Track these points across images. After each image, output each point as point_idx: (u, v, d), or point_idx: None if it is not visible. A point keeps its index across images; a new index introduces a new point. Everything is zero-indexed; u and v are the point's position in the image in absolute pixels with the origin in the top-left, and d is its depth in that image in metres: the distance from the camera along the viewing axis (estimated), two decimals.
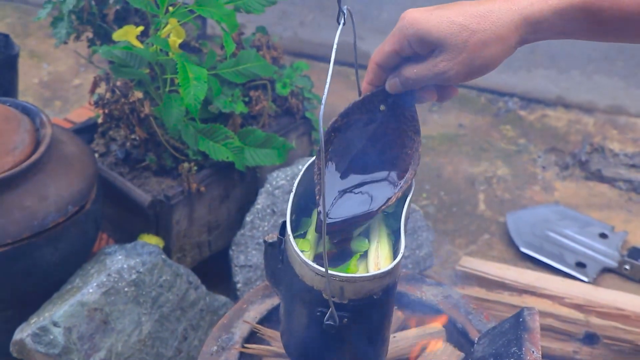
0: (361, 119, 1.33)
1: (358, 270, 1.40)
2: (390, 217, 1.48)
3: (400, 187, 1.35)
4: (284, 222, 1.37)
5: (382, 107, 1.31)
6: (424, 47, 1.18)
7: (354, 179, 1.36)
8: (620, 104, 3.07)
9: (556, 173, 2.84)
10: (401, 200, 1.46)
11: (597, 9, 1.10)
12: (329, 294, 1.31)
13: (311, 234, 1.45)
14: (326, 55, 3.28)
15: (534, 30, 1.15)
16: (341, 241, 1.43)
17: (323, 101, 1.13)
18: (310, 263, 1.31)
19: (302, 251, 1.34)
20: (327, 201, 1.35)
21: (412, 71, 1.21)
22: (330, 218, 1.35)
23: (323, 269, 1.27)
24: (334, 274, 1.30)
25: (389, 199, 1.35)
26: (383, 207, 1.35)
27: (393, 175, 1.37)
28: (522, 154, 2.91)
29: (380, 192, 1.37)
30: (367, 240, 1.43)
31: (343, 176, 1.36)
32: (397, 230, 1.42)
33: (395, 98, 1.31)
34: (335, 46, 1.18)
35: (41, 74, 3.30)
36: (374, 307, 1.37)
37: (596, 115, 3.08)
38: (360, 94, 1.34)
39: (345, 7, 1.24)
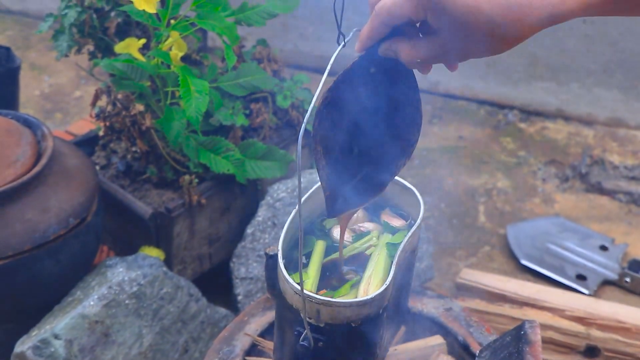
0: (353, 86, 1.24)
1: (351, 295, 1.38)
2: (392, 246, 1.46)
3: (408, 154, 1.28)
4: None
5: (372, 70, 1.22)
6: (441, 22, 1.06)
7: (360, 151, 1.28)
8: (619, 116, 3.07)
9: (556, 185, 2.84)
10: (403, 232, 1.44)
11: None
12: (305, 315, 1.29)
13: (314, 263, 1.42)
14: (325, 68, 3.29)
15: (554, 23, 1.09)
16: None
17: (306, 116, 1.11)
18: (290, 280, 1.29)
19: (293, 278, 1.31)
20: (348, 178, 1.28)
21: (412, 55, 1.11)
22: (343, 203, 1.28)
23: (299, 288, 1.25)
24: (309, 295, 1.27)
25: (399, 165, 1.28)
26: (394, 176, 1.29)
27: (398, 138, 1.28)
28: (522, 166, 2.92)
29: (388, 161, 1.29)
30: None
31: (348, 152, 1.27)
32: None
33: (387, 59, 1.19)
34: (329, 66, 1.15)
35: (42, 87, 3.31)
36: (352, 336, 1.34)
37: (596, 127, 3.09)
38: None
39: (355, 29, 1.20)
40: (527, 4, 1.02)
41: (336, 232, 1.47)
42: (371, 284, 1.39)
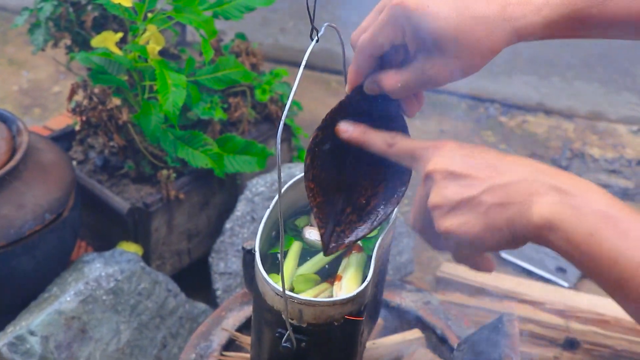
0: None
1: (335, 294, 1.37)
2: (371, 242, 1.46)
3: (401, 191, 1.27)
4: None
5: (362, 108, 1.22)
6: (417, 41, 1.08)
7: (353, 186, 1.29)
8: (600, 109, 3.08)
9: None
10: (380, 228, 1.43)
11: (586, 16, 1.07)
12: (287, 316, 1.28)
13: (291, 257, 1.41)
14: (308, 62, 3.28)
15: (520, 39, 1.12)
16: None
17: (284, 116, 1.10)
18: (270, 281, 1.28)
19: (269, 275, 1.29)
20: (332, 217, 1.28)
21: (394, 81, 1.13)
22: (339, 240, 1.28)
23: (281, 289, 1.24)
24: (292, 296, 1.26)
25: (397, 196, 1.28)
26: (388, 216, 1.29)
27: (389, 179, 1.28)
28: None
29: (380, 200, 1.29)
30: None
31: (337, 190, 1.28)
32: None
33: (376, 97, 1.21)
34: (304, 62, 1.14)
35: (21, 82, 3.28)
36: (334, 334, 1.33)
37: (576, 121, 3.09)
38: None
39: (326, 23, 1.19)
40: (492, 16, 1.06)
41: (308, 233, 1.46)
42: (349, 282, 1.38)
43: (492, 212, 0.99)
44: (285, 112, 1.10)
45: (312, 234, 1.44)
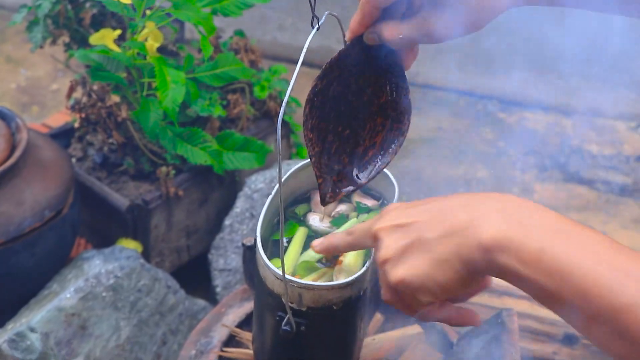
0: (341, 75, 1.25)
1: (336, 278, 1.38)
2: None
3: (399, 140, 1.29)
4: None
5: (362, 57, 1.22)
6: None
7: (350, 136, 1.28)
8: (598, 106, 3.08)
9: (535, 175, 2.84)
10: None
11: None
12: (287, 300, 1.29)
13: (296, 241, 1.42)
14: (305, 59, 3.28)
15: (526, 2, 1.11)
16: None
17: (284, 104, 1.11)
18: (271, 266, 1.29)
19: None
20: (330, 167, 1.28)
21: (395, 32, 1.12)
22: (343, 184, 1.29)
23: (281, 273, 1.25)
24: (291, 280, 1.28)
25: (391, 150, 1.29)
26: (397, 149, 1.29)
27: (387, 130, 1.29)
28: (501, 157, 2.92)
29: (378, 150, 1.30)
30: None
31: (335, 140, 1.28)
32: None
33: (374, 47, 1.21)
34: (305, 49, 1.15)
35: (19, 79, 3.28)
36: (334, 319, 1.34)
37: (574, 117, 3.09)
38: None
39: (327, 12, 1.20)
40: None
41: (312, 219, 1.47)
42: (349, 266, 1.39)
43: (437, 246, 0.95)
44: (283, 106, 1.10)
45: (316, 220, 1.46)
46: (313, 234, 1.45)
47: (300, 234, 1.44)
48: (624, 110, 3.05)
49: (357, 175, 1.29)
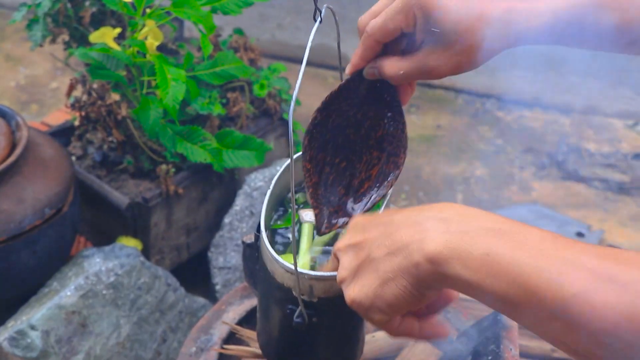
0: (340, 108, 1.28)
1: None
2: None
3: (395, 174, 1.29)
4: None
5: (362, 91, 1.24)
6: (427, 34, 1.09)
7: (347, 168, 1.31)
8: (595, 104, 3.09)
9: (533, 173, 2.85)
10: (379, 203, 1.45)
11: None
12: (298, 292, 1.31)
13: (305, 241, 1.43)
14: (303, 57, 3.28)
15: (521, 43, 1.13)
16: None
17: (293, 101, 1.12)
18: (280, 260, 1.31)
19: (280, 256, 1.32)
20: (327, 198, 1.30)
21: (396, 68, 1.14)
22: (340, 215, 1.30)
23: (292, 266, 1.27)
24: (303, 272, 1.29)
25: (388, 183, 1.29)
26: (392, 182, 1.29)
27: (383, 163, 1.30)
28: (500, 155, 2.93)
29: (374, 183, 1.32)
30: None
31: (332, 172, 1.31)
32: None
33: (374, 82, 1.24)
34: (309, 43, 1.16)
35: (18, 78, 3.28)
36: (344, 307, 1.36)
37: (572, 115, 3.10)
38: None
39: (325, 5, 1.21)
40: (499, 20, 1.07)
41: (305, 215, 1.48)
42: None
43: (382, 264, 0.94)
44: (292, 106, 1.11)
45: (308, 215, 1.47)
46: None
47: (307, 229, 1.45)
48: (621, 108, 3.06)
49: (352, 207, 1.30)
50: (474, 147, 2.96)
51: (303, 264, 1.39)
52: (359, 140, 1.29)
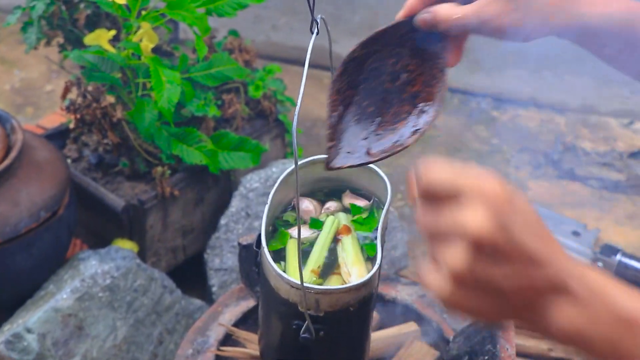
0: (381, 51, 1.22)
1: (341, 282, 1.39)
2: (364, 225, 1.47)
3: (427, 123, 1.23)
4: (259, 235, 1.35)
5: (408, 37, 1.20)
6: None
7: (373, 115, 1.25)
8: (591, 103, 3.09)
9: (529, 172, 2.85)
10: (377, 210, 1.45)
11: None
12: (305, 307, 1.30)
13: (291, 252, 1.43)
14: (299, 59, 3.28)
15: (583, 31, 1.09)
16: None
17: (298, 105, 1.11)
18: (285, 276, 1.29)
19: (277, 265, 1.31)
20: (353, 136, 1.24)
21: (451, 12, 1.09)
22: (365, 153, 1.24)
23: (298, 282, 1.26)
24: (309, 287, 1.28)
25: (418, 130, 1.22)
26: (416, 138, 1.22)
27: (415, 111, 1.24)
28: (495, 154, 2.93)
29: (405, 128, 1.25)
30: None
31: (364, 109, 1.25)
32: (374, 239, 1.41)
33: (422, 33, 1.19)
34: (308, 56, 1.15)
35: (13, 81, 3.28)
36: (350, 319, 1.35)
37: (568, 114, 3.10)
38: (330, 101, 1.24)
39: (320, 16, 1.20)
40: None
41: (295, 233, 1.47)
42: (354, 266, 1.39)
43: (507, 310, 0.87)
44: (296, 111, 1.10)
45: (296, 232, 1.47)
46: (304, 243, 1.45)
47: (292, 245, 1.44)
48: (617, 107, 3.06)
49: (368, 151, 1.24)
50: (469, 147, 2.96)
51: (310, 278, 1.38)
52: (392, 91, 1.24)
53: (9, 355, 1.81)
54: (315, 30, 1.19)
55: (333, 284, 1.37)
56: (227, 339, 1.76)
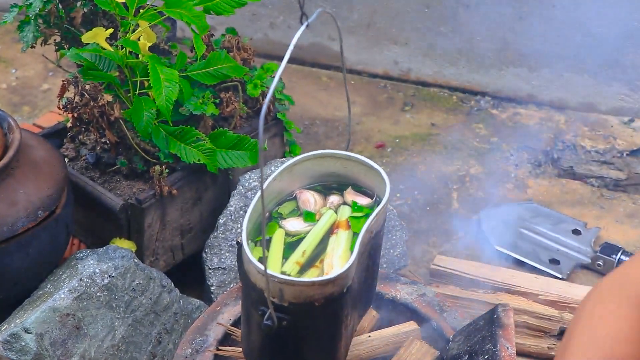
0: None
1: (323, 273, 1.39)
2: (359, 221, 1.47)
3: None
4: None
5: None
6: None
7: None
8: (590, 101, 3.08)
9: (529, 171, 2.85)
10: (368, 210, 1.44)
11: None
12: (268, 294, 1.30)
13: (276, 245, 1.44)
14: (297, 57, 3.27)
15: None
16: None
17: (267, 99, 1.11)
18: (253, 260, 1.30)
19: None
20: None
21: None
22: None
23: (262, 268, 1.26)
24: (272, 275, 1.29)
25: None
26: None
27: None
28: (495, 152, 2.92)
29: None
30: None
31: None
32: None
33: None
34: (291, 46, 1.15)
35: (9, 79, 3.26)
36: (315, 314, 1.35)
37: (567, 112, 3.09)
38: (348, 99, 1.26)
39: (320, 9, 1.20)
40: None
41: (288, 225, 1.48)
42: (334, 263, 1.39)
43: None
44: (268, 97, 1.10)
45: (290, 224, 1.48)
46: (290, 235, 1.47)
47: (279, 235, 1.46)
48: (616, 105, 3.05)
49: None
50: (468, 145, 2.95)
51: (274, 266, 1.39)
52: None
53: (7, 355, 1.80)
54: (306, 22, 1.19)
55: (309, 276, 1.37)
56: (226, 339, 1.75)
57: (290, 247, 1.46)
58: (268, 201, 1.47)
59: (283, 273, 1.36)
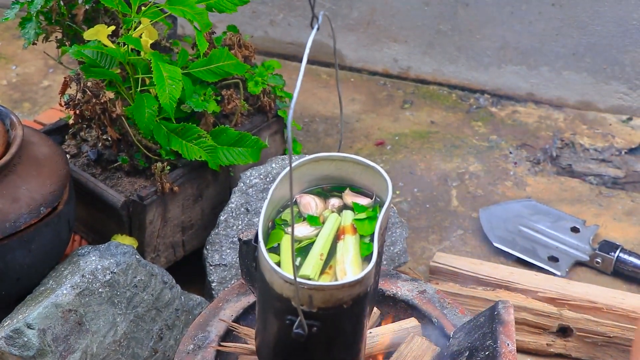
0: None
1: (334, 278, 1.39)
2: (364, 223, 1.47)
3: None
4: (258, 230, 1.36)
5: None
6: None
7: None
8: (589, 99, 3.10)
9: (528, 168, 2.86)
10: (379, 209, 1.45)
11: None
12: (298, 302, 1.29)
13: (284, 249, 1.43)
14: (297, 54, 3.28)
15: None
16: None
17: (293, 101, 1.12)
18: (279, 270, 1.30)
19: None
20: None
21: None
22: None
23: (292, 277, 1.26)
24: (302, 282, 1.28)
25: None
26: None
27: None
28: (494, 150, 2.93)
29: None
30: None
31: None
32: (371, 240, 1.41)
33: None
34: (307, 50, 1.15)
35: (9, 76, 3.27)
36: (344, 317, 1.35)
37: (566, 110, 3.11)
38: (339, 95, 1.26)
39: (322, 12, 1.21)
40: None
41: (296, 230, 1.48)
42: (347, 269, 1.39)
43: None
44: (293, 100, 1.11)
45: (297, 229, 1.47)
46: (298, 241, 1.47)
47: (286, 241, 1.45)
48: (615, 104, 3.07)
49: None
50: (468, 143, 2.96)
51: (313, 273, 1.38)
52: None
53: (9, 351, 1.80)
54: (316, 26, 1.19)
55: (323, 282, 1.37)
56: (228, 335, 1.76)
57: (299, 253, 1.45)
58: (270, 209, 1.47)
59: (307, 278, 1.35)
